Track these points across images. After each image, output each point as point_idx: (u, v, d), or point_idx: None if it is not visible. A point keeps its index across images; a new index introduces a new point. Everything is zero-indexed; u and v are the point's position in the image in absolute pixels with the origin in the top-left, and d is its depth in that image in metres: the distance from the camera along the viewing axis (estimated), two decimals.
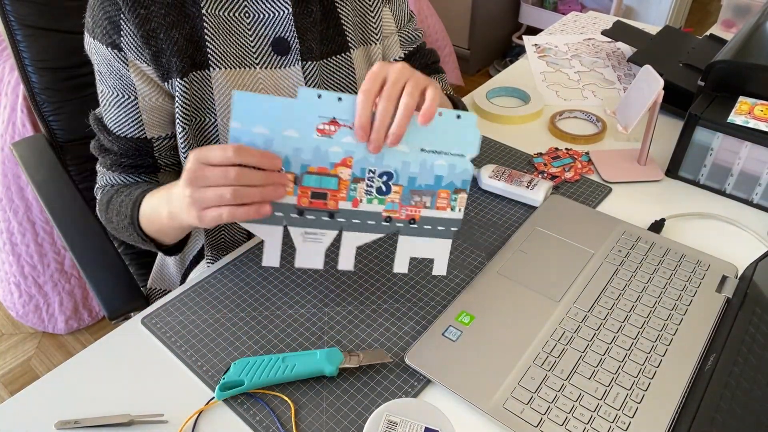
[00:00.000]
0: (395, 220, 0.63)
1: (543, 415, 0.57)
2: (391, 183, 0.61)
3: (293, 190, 0.60)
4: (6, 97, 1.44)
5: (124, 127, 0.74)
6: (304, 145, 0.58)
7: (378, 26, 0.83)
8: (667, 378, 0.60)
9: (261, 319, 0.69)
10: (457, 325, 0.66)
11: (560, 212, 0.82)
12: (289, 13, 0.73)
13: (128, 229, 0.74)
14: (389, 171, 0.60)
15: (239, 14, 0.73)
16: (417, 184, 0.61)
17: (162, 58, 0.69)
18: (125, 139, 0.75)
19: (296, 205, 0.61)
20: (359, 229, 0.63)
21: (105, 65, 0.71)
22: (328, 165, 0.59)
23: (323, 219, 0.62)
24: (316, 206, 0.61)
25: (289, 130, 0.57)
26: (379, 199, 0.62)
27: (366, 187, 0.61)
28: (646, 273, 0.72)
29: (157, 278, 0.95)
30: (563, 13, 2.74)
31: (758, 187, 0.83)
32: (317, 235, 0.63)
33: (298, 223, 0.62)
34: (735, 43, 0.93)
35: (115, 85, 0.72)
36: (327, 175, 0.60)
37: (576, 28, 1.40)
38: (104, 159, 0.78)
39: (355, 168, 0.60)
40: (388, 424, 0.50)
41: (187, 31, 0.70)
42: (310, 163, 0.59)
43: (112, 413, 0.59)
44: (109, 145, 0.76)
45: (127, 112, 0.73)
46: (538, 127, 1.05)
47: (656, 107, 0.86)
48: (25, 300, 1.62)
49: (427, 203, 0.62)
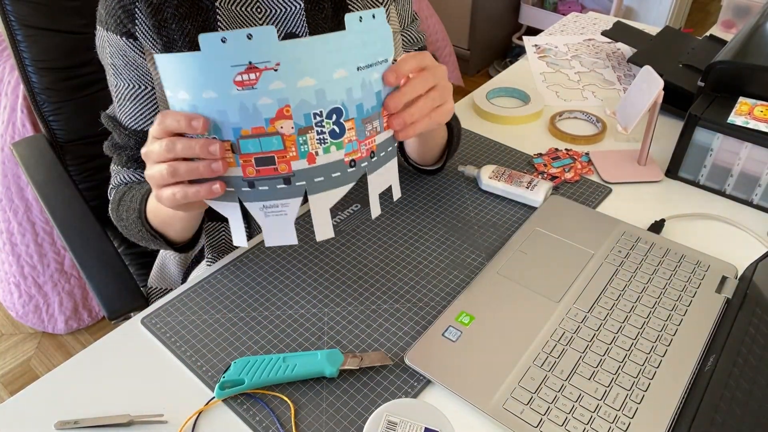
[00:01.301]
0: (359, 161, 0.54)
1: (543, 415, 0.57)
2: (342, 120, 0.51)
3: (234, 160, 0.51)
4: (6, 97, 1.44)
5: (141, 120, 0.74)
6: (227, 105, 0.48)
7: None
8: (667, 378, 0.60)
9: (261, 320, 0.69)
10: (456, 326, 0.66)
11: (560, 213, 0.82)
12: (300, 9, 0.74)
13: (137, 224, 0.73)
14: (337, 107, 0.51)
15: (252, 9, 0.73)
16: (365, 110, 0.53)
17: (173, 48, 0.69)
18: (142, 132, 0.74)
19: (242, 177, 0.52)
20: (325, 188, 0.53)
21: (120, 57, 0.70)
22: (262, 123, 0.49)
23: (279, 187, 0.52)
24: (266, 174, 0.51)
25: (207, 91, 0.48)
26: (336, 144, 0.52)
27: (317, 135, 0.50)
28: (646, 273, 0.72)
29: (157, 278, 0.95)
30: (563, 13, 2.74)
31: (758, 187, 0.83)
32: (278, 207, 0.53)
33: (252, 197, 0.53)
34: (735, 44, 0.93)
35: (131, 77, 0.71)
36: (265, 135, 0.50)
37: (576, 28, 1.40)
38: (119, 157, 0.77)
39: (296, 117, 0.49)
40: (388, 425, 0.50)
41: (199, 23, 0.70)
42: (241, 126, 0.49)
43: (112, 413, 0.59)
44: (124, 142, 0.76)
45: (144, 104, 0.73)
46: (538, 127, 1.05)
47: (656, 108, 0.86)
48: (25, 300, 1.62)
49: (377, 128, 0.54)
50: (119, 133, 0.75)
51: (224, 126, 0.49)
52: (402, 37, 0.88)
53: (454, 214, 0.84)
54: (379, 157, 0.56)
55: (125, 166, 0.77)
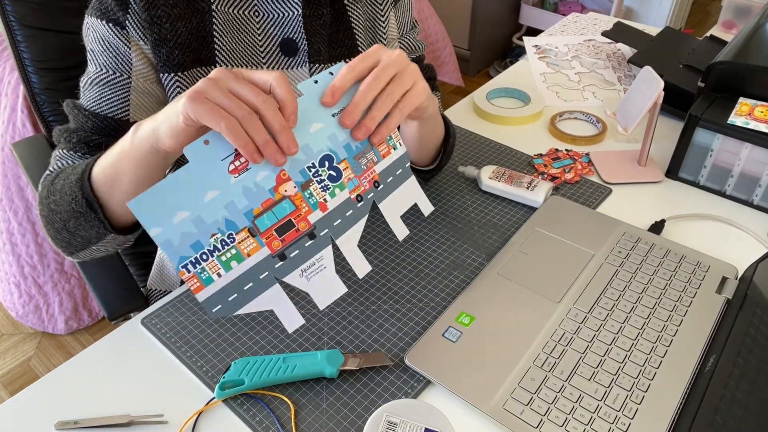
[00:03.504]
0: (364, 194, 0.58)
1: (543, 416, 0.57)
2: (336, 164, 0.56)
3: (258, 243, 0.53)
4: (6, 97, 1.44)
5: (105, 105, 0.70)
6: (232, 195, 0.51)
7: (386, 31, 0.83)
8: (667, 379, 0.60)
9: (261, 320, 0.69)
10: (457, 326, 0.66)
11: (560, 213, 0.82)
12: (298, 14, 0.73)
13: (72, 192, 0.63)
14: (326, 154, 0.55)
15: (249, 12, 0.72)
16: (353, 147, 0.56)
17: (162, 48, 0.68)
18: (102, 116, 0.70)
19: (271, 254, 0.54)
20: (345, 228, 0.57)
21: (99, 43, 0.68)
22: (268, 194, 0.53)
23: (307, 245, 0.55)
24: (291, 239, 0.55)
25: (209, 192, 0.51)
26: (338, 186, 0.56)
27: (318, 184, 0.55)
28: (646, 274, 0.72)
29: (157, 280, 0.95)
30: (563, 14, 2.74)
31: (758, 188, 0.83)
32: (315, 265, 0.56)
33: (288, 269, 0.55)
34: (735, 45, 0.93)
35: (106, 63, 0.69)
36: (275, 203, 0.53)
37: (576, 29, 1.40)
38: (68, 139, 0.71)
39: (294, 176, 0.54)
40: (388, 425, 0.50)
41: (194, 25, 0.69)
42: (251, 206, 0.52)
43: (112, 414, 0.59)
44: (80, 123, 0.70)
45: (112, 91, 0.69)
46: (539, 128, 1.05)
47: (656, 108, 0.86)
48: (25, 300, 1.62)
49: (374, 158, 0.58)
50: (76, 115, 0.71)
51: (236, 215, 0.52)
52: (399, 44, 0.87)
53: (454, 214, 0.84)
54: (386, 184, 0.60)
55: (73, 149, 0.70)
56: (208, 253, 0.52)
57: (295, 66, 0.76)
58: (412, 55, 0.89)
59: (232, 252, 0.53)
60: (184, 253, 0.51)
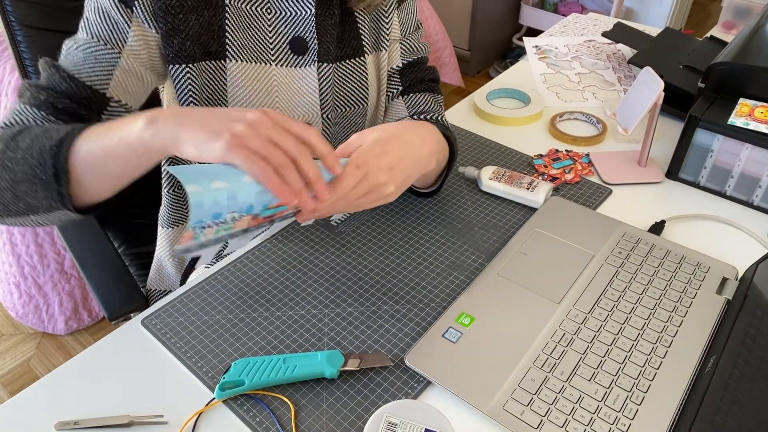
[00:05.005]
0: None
1: (543, 416, 0.57)
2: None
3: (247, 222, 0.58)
4: (6, 97, 1.44)
5: (85, 72, 0.67)
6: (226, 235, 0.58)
7: (390, 33, 0.83)
8: (667, 380, 0.60)
9: (261, 320, 0.69)
10: (457, 327, 0.66)
11: (560, 214, 0.82)
12: (311, 14, 0.73)
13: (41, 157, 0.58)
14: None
15: (262, 9, 0.73)
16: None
17: (174, 38, 0.68)
18: (79, 82, 0.66)
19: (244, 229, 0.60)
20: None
21: (98, 14, 0.67)
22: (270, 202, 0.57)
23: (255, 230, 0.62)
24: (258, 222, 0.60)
25: (245, 176, 0.55)
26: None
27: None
28: (646, 275, 0.72)
29: (156, 280, 0.95)
30: (564, 14, 2.74)
31: (758, 189, 0.83)
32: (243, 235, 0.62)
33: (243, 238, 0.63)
34: (735, 45, 0.93)
35: (99, 34, 0.67)
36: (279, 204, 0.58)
37: (576, 29, 1.41)
38: (35, 95, 0.66)
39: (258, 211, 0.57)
40: (388, 426, 0.50)
41: (206, 18, 0.69)
42: (271, 201, 0.57)
43: (112, 414, 0.59)
44: (53, 83, 0.66)
45: (98, 61, 0.67)
46: (539, 128, 1.05)
47: (656, 109, 0.86)
48: (25, 300, 1.62)
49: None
50: (52, 74, 0.67)
51: (258, 202, 0.56)
52: (401, 45, 0.87)
53: (454, 215, 0.84)
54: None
55: (38, 106, 0.65)
56: (219, 223, 0.55)
57: (303, 65, 0.76)
58: (413, 56, 0.88)
59: (230, 224, 0.56)
60: (204, 218, 0.53)
